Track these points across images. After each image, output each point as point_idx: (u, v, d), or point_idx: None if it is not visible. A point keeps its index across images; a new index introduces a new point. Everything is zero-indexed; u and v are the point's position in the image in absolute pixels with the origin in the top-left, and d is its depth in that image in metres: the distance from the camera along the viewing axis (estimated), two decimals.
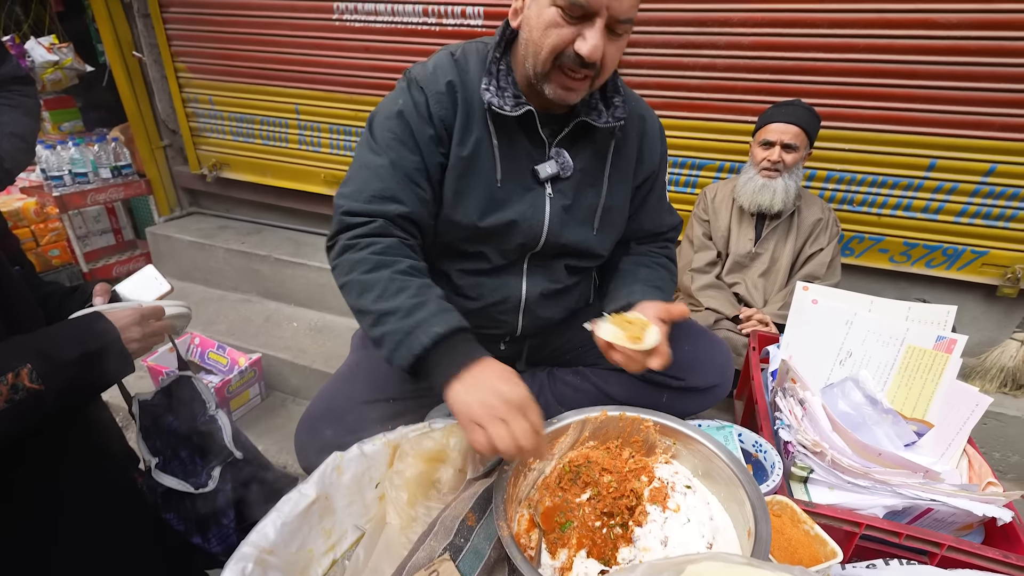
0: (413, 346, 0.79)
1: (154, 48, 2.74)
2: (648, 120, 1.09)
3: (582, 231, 1.05)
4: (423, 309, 0.82)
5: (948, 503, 0.83)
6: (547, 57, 0.84)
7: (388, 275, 0.85)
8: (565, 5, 0.79)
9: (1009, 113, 1.69)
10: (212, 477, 1.02)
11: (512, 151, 0.96)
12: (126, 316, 0.84)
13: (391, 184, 0.91)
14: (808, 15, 1.75)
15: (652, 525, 0.74)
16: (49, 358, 0.72)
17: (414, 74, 0.96)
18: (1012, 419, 1.76)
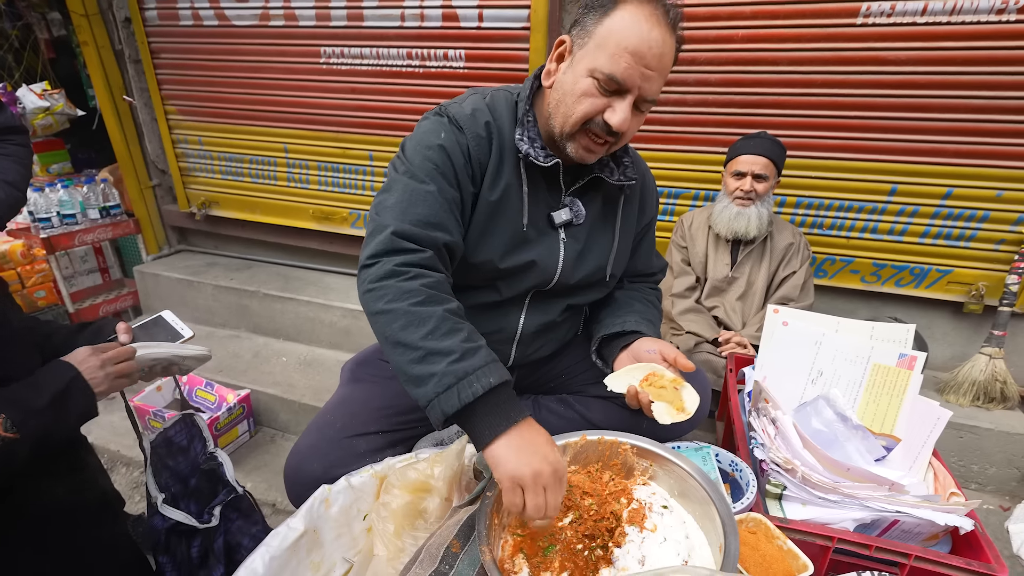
0: (464, 394, 0.77)
1: (144, 92, 2.82)
2: (647, 176, 1.20)
3: (593, 273, 1.11)
4: (476, 356, 0.80)
5: (912, 514, 0.87)
6: (577, 121, 0.91)
7: (441, 312, 0.83)
8: (602, 79, 0.86)
9: (960, 141, 1.80)
10: (214, 515, 1.03)
11: (535, 197, 1.02)
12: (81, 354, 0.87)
13: (437, 211, 0.91)
14: (769, 54, 1.87)
15: (630, 545, 0.77)
16: (20, 406, 0.74)
17: (453, 112, 0.97)
18: (986, 431, 1.81)
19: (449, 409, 0.78)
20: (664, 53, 0.86)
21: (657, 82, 0.88)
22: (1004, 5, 1.63)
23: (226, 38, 2.51)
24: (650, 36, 0.83)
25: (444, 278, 0.90)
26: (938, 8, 1.68)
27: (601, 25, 0.86)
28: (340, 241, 2.74)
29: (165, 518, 1.06)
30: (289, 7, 2.34)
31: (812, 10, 1.78)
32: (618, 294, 1.23)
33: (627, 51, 0.83)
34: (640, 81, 0.86)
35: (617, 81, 0.85)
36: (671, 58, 0.89)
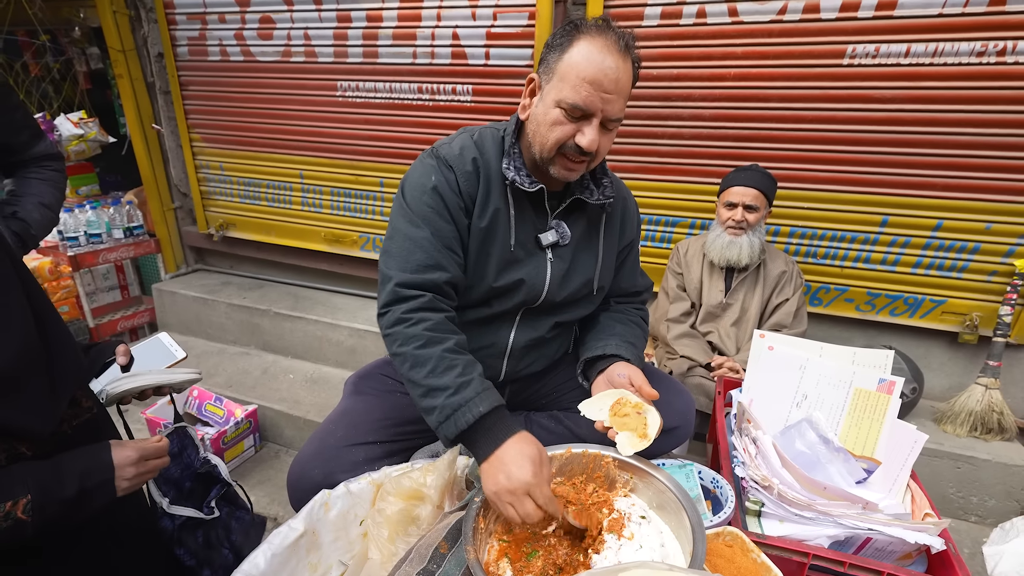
0: (459, 422, 0.90)
1: (172, 121, 2.99)
2: (628, 199, 1.28)
3: (580, 290, 1.19)
4: (468, 388, 0.92)
5: (883, 531, 0.90)
6: (552, 147, 1.01)
7: (439, 353, 0.95)
8: (568, 107, 0.96)
9: (948, 175, 1.86)
10: (213, 507, 1.09)
11: (522, 220, 1.11)
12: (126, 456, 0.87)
13: (434, 253, 1.03)
14: (760, 91, 1.96)
15: (608, 552, 0.81)
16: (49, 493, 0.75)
17: (442, 153, 1.08)
18: (984, 463, 1.81)
19: (450, 435, 0.91)
20: (620, 77, 0.96)
21: (617, 103, 0.98)
22: (984, 49, 1.71)
23: (250, 72, 2.68)
24: (604, 65, 0.94)
25: (444, 318, 1.01)
26: (920, 51, 1.77)
27: (561, 61, 0.97)
28: (349, 263, 2.84)
29: (173, 518, 1.12)
30: (309, 45, 2.50)
31: (800, 51, 1.88)
32: (602, 316, 1.29)
33: (586, 81, 0.94)
34: (601, 105, 0.96)
35: (581, 108, 0.96)
36: (628, 79, 0.99)
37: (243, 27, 2.60)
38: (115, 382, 1.01)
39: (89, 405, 0.92)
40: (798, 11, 1.85)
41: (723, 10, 1.92)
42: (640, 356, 1.21)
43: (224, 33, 2.65)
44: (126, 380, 1.01)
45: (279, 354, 2.82)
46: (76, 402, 0.89)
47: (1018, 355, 1.98)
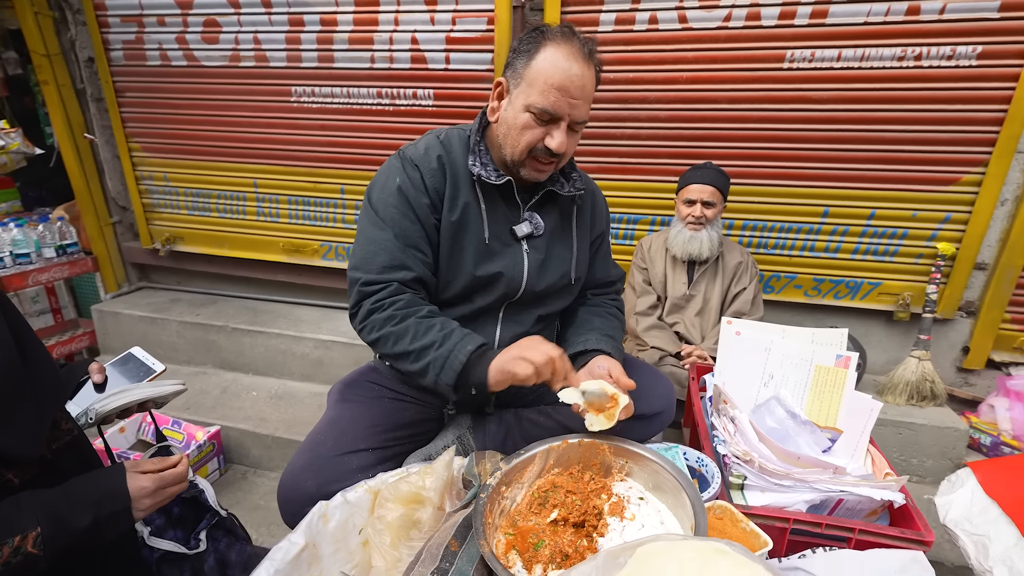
0: (455, 364, 0.98)
1: (107, 130, 2.81)
2: (596, 193, 1.35)
3: (558, 279, 1.23)
4: (452, 337, 1.01)
5: (853, 492, 0.99)
6: (523, 150, 1.06)
7: (415, 321, 1.03)
8: (537, 112, 1.01)
9: (878, 169, 2.04)
10: (200, 539, 1.04)
11: (495, 213, 1.16)
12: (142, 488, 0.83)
13: (397, 254, 1.07)
14: (710, 94, 2.08)
15: (612, 533, 0.84)
16: (62, 522, 0.72)
17: (408, 154, 1.13)
18: (921, 427, 1.99)
19: (450, 380, 0.99)
20: (584, 84, 1.01)
21: (583, 108, 1.04)
22: (903, 54, 1.90)
23: (195, 78, 2.56)
24: (571, 72, 0.99)
25: (412, 295, 1.08)
26: (850, 55, 1.94)
27: (529, 67, 1.01)
28: (310, 273, 2.76)
29: (153, 549, 1.06)
30: (260, 49, 2.43)
31: (745, 56, 2.01)
32: (581, 311, 1.34)
33: (553, 87, 0.99)
34: (568, 109, 1.01)
35: (549, 112, 1.01)
36: (592, 84, 1.04)
37: (185, 30, 2.48)
38: (103, 400, 0.95)
39: (69, 427, 0.87)
40: (741, 18, 1.98)
41: (673, 16, 2.03)
42: (618, 347, 1.26)
43: (164, 36, 2.52)
44: (115, 397, 0.96)
45: (239, 371, 2.70)
46: (56, 424, 0.84)
47: (944, 328, 2.19)
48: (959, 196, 2.01)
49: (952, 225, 2.05)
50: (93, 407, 0.95)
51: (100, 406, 0.95)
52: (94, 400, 0.97)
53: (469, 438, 1.24)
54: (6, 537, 0.69)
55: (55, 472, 0.81)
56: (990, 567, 0.90)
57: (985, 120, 1.91)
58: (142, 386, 1.03)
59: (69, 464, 0.85)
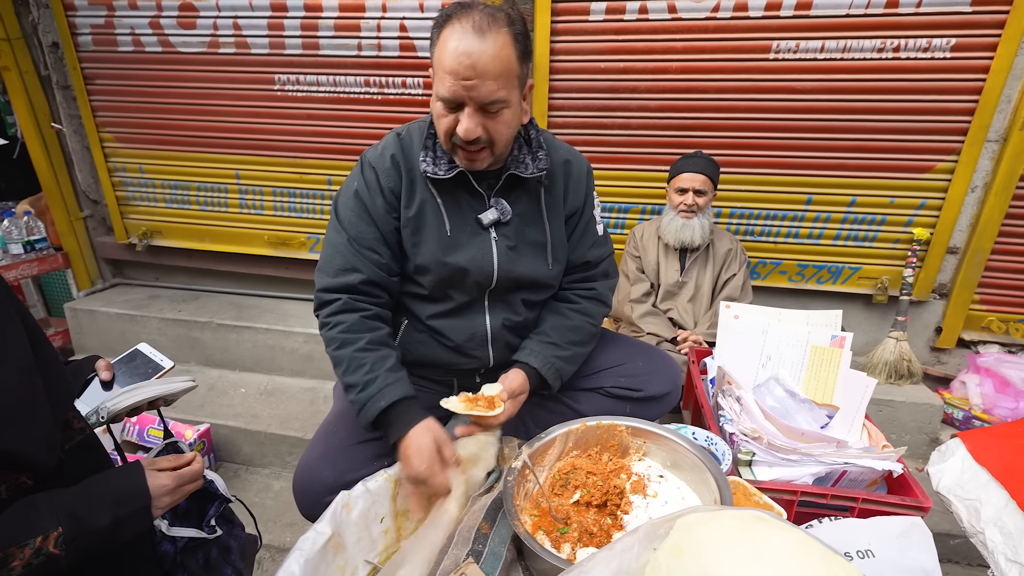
0: (368, 415, 1.03)
1: (75, 119, 2.68)
2: (574, 163, 1.22)
3: (533, 265, 1.19)
4: (373, 385, 1.03)
5: (856, 463, 1.04)
6: (444, 139, 1.04)
7: (350, 353, 1.06)
8: (442, 100, 0.98)
9: (858, 157, 2.12)
10: (213, 526, 1.03)
11: (456, 206, 1.14)
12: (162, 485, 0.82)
13: (350, 258, 1.10)
14: (699, 84, 2.12)
15: (637, 511, 0.87)
16: (82, 522, 0.71)
17: (367, 157, 1.15)
18: (900, 404, 2.10)
19: (365, 426, 1.05)
20: (477, 61, 0.92)
21: (483, 87, 0.94)
22: (883, 46, 1.97)
23: (171, 65, 2.46)
24: (458, 52, 0.92)
25: (360, 317, 1.10)
26: (832, 47, 2.00)
27: (433, 54, 0.99)
28: (297, 266, 2.70)
29: (175, 541, 1.04)
30: (240, 35, 2.35)
31: (733, 46, 2.05)
32: (542, 312, 1.28)
33: (447, 73, 0.94)
34: (466, 93, 0.94)
35: (450, 100, 0.96)
36: (493, 58, 0.93)
37: (159, 15, 2.38)
38: (115, 399, 0.93)
39: (81, 426, 0.84)
40: (729, 9, 2.01)
41: (663, 7, 2.05)
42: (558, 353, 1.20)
43: (137, 21, 2.41)
44: (126, 395, 0.93)
45: (225, 368, 2.64)
46: (68, 424, 0.81)
47: (919, 310, 2.30)
48: (933, 183, 2.10)
49: (927, 211, 2.14)
50: (104, 406, 0.92)
51: (112, 404, 0.93)
52: (104, 399, 0.94)
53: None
54: (27, 538, 0.67)
55: (68, 472, 0.78)
56: (982, 528, 0.97)
57: (958, 110, 2.00)
58: (152, 383, 1.00)
59: (81, 464, 0.83)
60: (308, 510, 1.06)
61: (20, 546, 0.66)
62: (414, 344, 1.24)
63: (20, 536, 0.66)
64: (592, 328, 1.27)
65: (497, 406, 1.04)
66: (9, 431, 0.66)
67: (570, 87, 2.21)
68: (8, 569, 0.65)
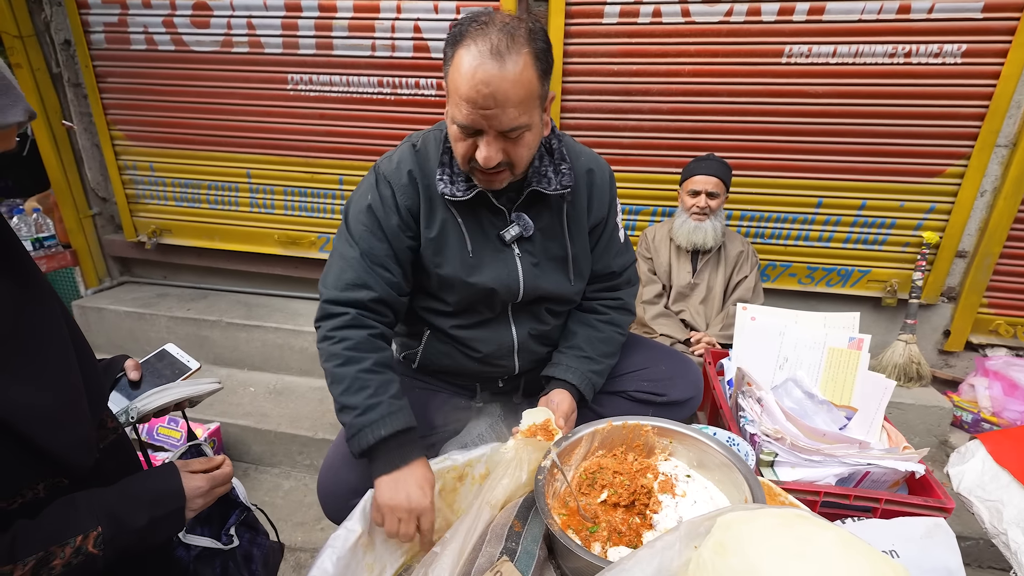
0: (362, 442, 0.96)
1: (86, 116, 2.68)
2: (596, 172, 1.18)
3: (555, 281, 1.16)
4: (374, 411, 0.97)
5: (880, 464, 1.05)
6: (462, 162, 0.99)
7: (354, 373, 0.99)
8: (459, 126, 0.92)
9: (869, 161, 2.13)
10: (232, 535, 1.03)
11: (476, 224, 1.09)
12: (197, 487, 0.82)
13: (362, 273, 1.05)
14: (710, 87, 2.13)
15: (667, 510, 0.87)
16: (120, 522, 0.71)
17: (382, 170, 1.08)
18: (909, 406, 2.11)
19: (355, 452, 0.98)
20: (496, 90, 0.85)
21: (504, 116, 0.88)
22: (894, 51, 1.98)
23: (184, 63, 2.47)
24: (475, 80, 0.85)
25: (367, 335, 1.04)
26: (845, 51, 2.01)
27: (448, 76, 0.91)
28: (307, 265, 2.71)
29: (188, 548, 1.04)
30: (254, 35, 2.35)
31: (746, 50, 2.06)
32: (571, 320, 1.27)
33: (464, 100, 0.87)
34: (485, 122, 0.89)
35: (468, 127, 0.91)
36: (513, 85, 0.86)
37: (173, 13, 2.38)
38: (145, 399, 0.93)
39: (114, 426, 0.84)
40: (742, 13, 2.03)
41: (677, 10, 2.06)
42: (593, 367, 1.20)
43: (150, 20, 2.41)
44: (156, 396, 0.94)
45: (233, 367, 2.64)
46: (102, 423, 0.81)
47: (928, 314, 2.31)
48: (943, 187, 2.12)
49: (936, 215, 2.16)
50: (135, 406, 0.93)
51: (142, 405, 0.93)
52: (134, 399, 0.94)
53: (502, 427, 1.26)
54: (68, 537, 0.67)
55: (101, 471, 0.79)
56: (1004, 529, 0.98)
57: (968, 115, 2.01)
58: (180, 385, 1.00)
59: (114, 463, 0.83)
60: (333, 512, 1.06)
61: (61, 544, 0.66)
62: (438, 355, 1.23)
63: (61, 535, 0.67)
64: (620, 338, 1.27)
65: (556, 434, 1.01)
66: (53, 432, 0.66)
67: (583, 89, 2.22)
68: (49, 568, 0.66)
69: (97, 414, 0.79)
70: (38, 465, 0.67)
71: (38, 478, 0.68)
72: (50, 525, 0.66)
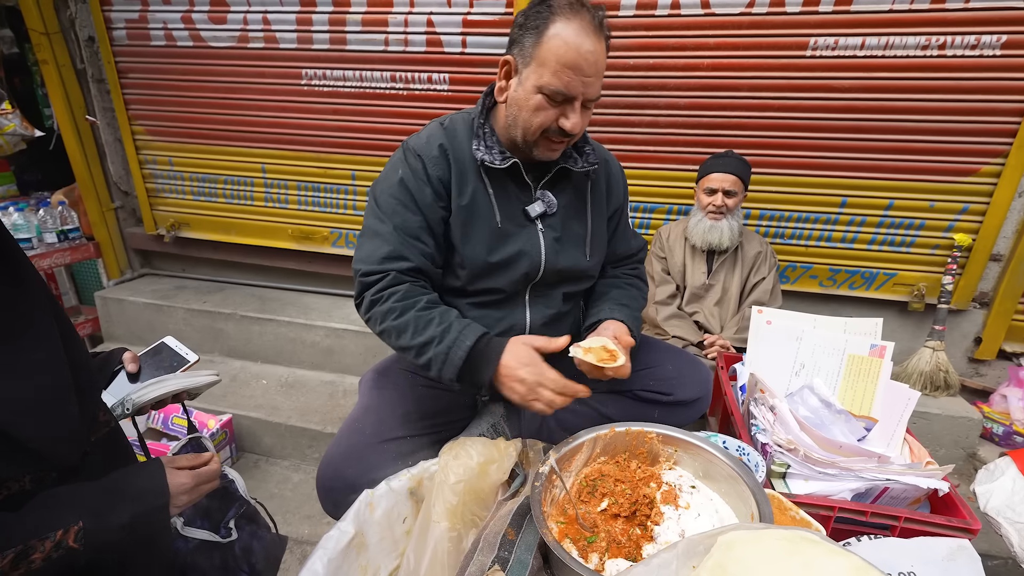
0: (455, 361, 0.99)
1: (108, 112, 2.73)
2: (611, 163, 1.29)
3: (575, 257, 1.21)
4: (451, 331, 1.01)
5: (900, 480, 0.99)
6: (536, 131, 1.04)
7: (414, 315, 1.02)
8: (550, 93, 0.98)
9: (897, 159, 2.04)
10: (231, 528, 1.03)
11: (505, 196, 1.13)
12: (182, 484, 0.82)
13: (397, 246, 1.07)
14: (731, 81, 2.06)
15: (669, 522, 0.84)
16: (101, 518, 0.70)
17: (411, 144, 1.11)
18: (935, 416, 2.01)
19: (452, 376, 1.00)
20: (597, 59, 0.98)
21: (596, 85, 1.00)
22: (928, 43, 1.88)
23: (202, 59, 2.49)
24: (583, 48, 0.95)
25: (410, 285, 1.08)
26: (873, 43, 1.92)
27: (539, 45, 0.97)
28: (320, 260, 2.72)
29: (187, 539, 1.04)
30: (270, 30, 2.36)
31: (768, 43, 1.99)
32: (598, 285, 1.33)
33: (566, 67, 0.95)
34: (583, 89, 0.98)
35: (563, 94, 0.98)
36: (604, 59, 1.00)
37: (191, 9, 2.41)
38: (140, 391, 0.93)
39: (107, 419, 0.84)
40: (765, 4, 1.95)
41: (696, 2, 2.00)
42: (632, 314, 1.24)
43: (169, 16, 2.44)
44: (151, 388, 0.94)
45: (247, 359, 2.67)
46: (94, 416, 0.81)
47: (958, 319, 2.21)
48: (977, 187, 2.01)
49: (969, 216, 2.05)
50: (130, 398, 0.93)
51: (137, 396, 0.93)
52: (130, 391, 0.94)
53: (504, 426, 1.23)
54: (48, 532, 0.67)
55: (92, 464, 0.79)
56: None
57: (1007, 111, 1.90)
58: (177, 377, 1.00)
59: (106, 456, 0.83)
60: (331, 508, 1.05)
61: (41, 539, 0.66)
62: None
63: (41, 529, 0.66)
64: (644, 301, 1.33)
65: (618, 358, 1.01)
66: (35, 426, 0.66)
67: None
68: (29, 561, 0.65)
69: (89, 408, 0.78)
70: (22, 458, 0.66)
71: (23, 471, 0.67)
72: (30, 519, 0.66)
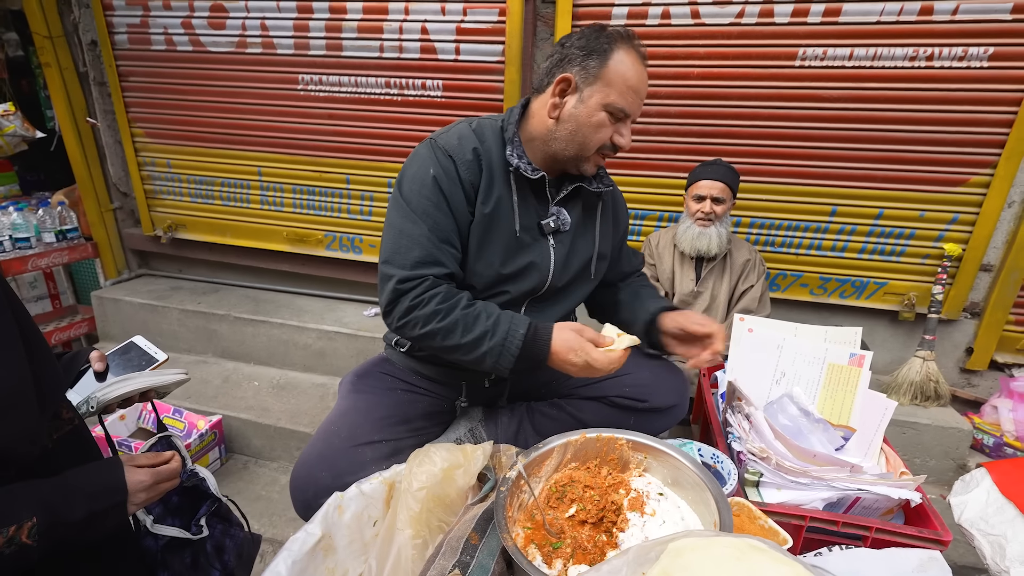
0: (511, 351, 1.02)
1: (109, 114, 2.77)
2: (615, 188, 1.35)
3: (578, 276, 1.24)
4: (501, 324, 1.03)
5: (871, 490, 0.99)
6: (593, 146, 1.09)
7: (460, 314, 1.03)
8: (615, 111, 1.05)
9: (887, 168, 2.04)
10: (202, 525, 1.03)
11: (526, 206, 1.15)
12: (140, 481, 0.82)
13: (431, 250, 1.07)
14: (721, 90, 2.07)
15: (633, 529, 0.84)
16: (56, 514, 0.70)
17: (440, 143, 1.10)
18: (925, 427, 2.01)
19: (510, 366, 1.03)
20: (647, 84, 1.09)
21: (642, 106, 1.11)
22: (915, 54, 1.89)
23: (201, 63, 2.52)
24: (641, 73, 1.06)
25: (447, 288, 1.07)
26: (862, 54, 1.93)
27: (607, 68, 1.03)
28: (314, 263, 2.74)
29: (157, 537, 1.05)
30: (267, 36, 2.39)
31: (757, 53, 2.00)
32: (622, 293, 1.39)
33: (631, 89, 1.05)
34: (638, 109, 1.10)
35: (626, 112, 1.07)
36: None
37: (191, 15, 2.44)
38: (104, 389, 0.93)
39: (70, 416, 0.85)
40: (754, 15, 1.96)
41: (686, 12, 2.01)
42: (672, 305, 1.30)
43: (170, 21, 2.48)
44: (116, 386, 0.94)
45: (240, 361, 2.68)
46: (57, 414, 0.82)
47: (949, 329, 2.20)
48: (967, 197, 2.01)
49: (959, 226, 2.05)
50: (94, 396, 0.92)
51: (101, 395, 0.93)
52: (95, 389, 0.94)
53: (481, 431, 1.24)
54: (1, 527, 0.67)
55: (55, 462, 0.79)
56: (1007, 567, 0.91)
57: (995, 122, 1.91)
58: (144, 375, 1.00)
59: (69, 454, 0.84)
60: (304, 510, 1.06)
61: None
62: None
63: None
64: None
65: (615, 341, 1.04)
66: None
67: None
68: None
69: (50, 406, 0.79)
70: None
71: None
72: None
